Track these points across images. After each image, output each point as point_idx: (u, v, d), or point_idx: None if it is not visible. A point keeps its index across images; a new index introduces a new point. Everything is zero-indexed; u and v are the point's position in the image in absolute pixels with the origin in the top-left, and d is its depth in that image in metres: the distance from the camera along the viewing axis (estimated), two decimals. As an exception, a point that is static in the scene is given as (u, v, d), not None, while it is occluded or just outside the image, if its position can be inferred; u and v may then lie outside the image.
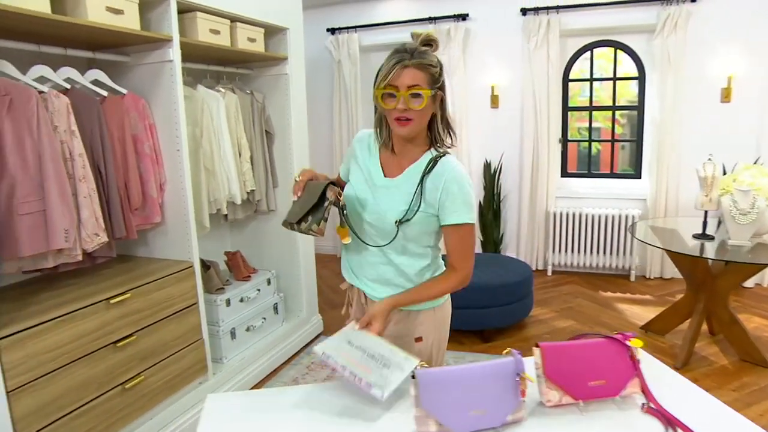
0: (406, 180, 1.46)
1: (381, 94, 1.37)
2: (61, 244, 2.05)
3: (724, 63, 4.08)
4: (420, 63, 1.34)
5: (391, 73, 1.33)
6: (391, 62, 1.34)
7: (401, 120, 1.37)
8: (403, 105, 1.34)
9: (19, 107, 1.94)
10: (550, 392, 1.28)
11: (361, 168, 1.54)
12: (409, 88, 1.33)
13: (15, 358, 1.78)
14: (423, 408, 1.16)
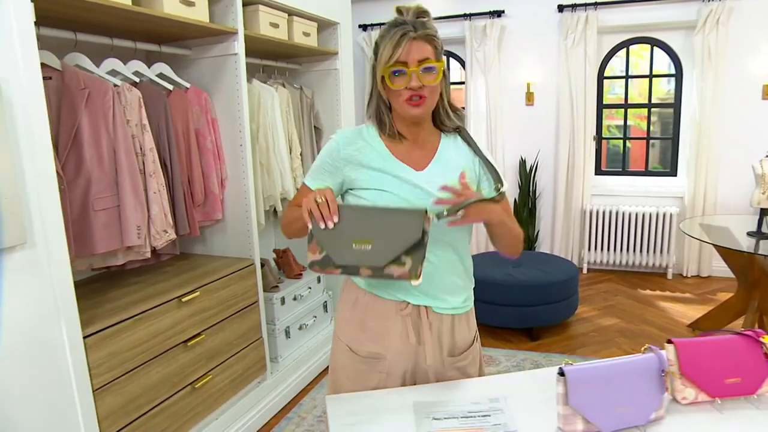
0: (444, 165, 1.29)
1: (389, 73, 1.19)
2: (134, 240, 2.01)
3: (764, 60, 4.05)
4: (426, 34, 1.20)
5: (399, 48, 1.17)
6: (396, 36, 1.18)
7: (413, 99, 1.21)
8: (417, 82, 1.18)
9: (96, 101, 1.90)
10: (685, 389, 1.24)
11: (377, 170, 1.27)
12: (419, 62, 1.18)
13: (100, 356, 1.74)
14: (571, 405, 1.13)
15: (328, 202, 1.11)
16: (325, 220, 1.11)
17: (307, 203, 1.13)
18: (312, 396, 2.81)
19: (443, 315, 1.32)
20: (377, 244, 1.10)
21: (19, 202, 1.46)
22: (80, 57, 1.94)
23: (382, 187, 1.26)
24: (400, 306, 1.30)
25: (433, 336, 1.32)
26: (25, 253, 1.51)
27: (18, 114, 1.47)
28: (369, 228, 1.11)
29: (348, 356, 1.38)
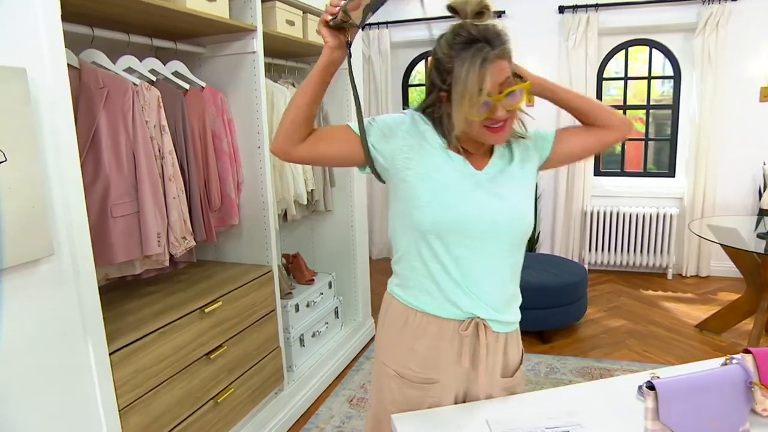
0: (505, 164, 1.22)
1: (476, 107, 1.05)
2: (154, 249, 1.90)
3: (763, 62, 4.10)
4: (503, 50, 1.06)
5: (485, 80, 1.03)
6: (476, 64, 1.02)
7: (494, 126, 1.09)
8: (503, 112, 1.07)
9: (115, 100, 1.79)
10: (766, 401, 1.20)
11: (437, 162, 1.17)
12: (500, 87, 1.06)
13: (125, 374, 1.64)
14: (661, 421, 1.08)
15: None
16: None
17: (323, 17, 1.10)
18: (328, 405, 2.72)
19: (498, 334, 1.26)
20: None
21: (46, 210, 1.35)
22: (97, 54, 1.82)
23: (445, 182, 1.16)
24: (463, 326, 1.22)
25: (489, 357, 1.25)
26: (51, 265, 1.40)
27: (44, 114, 1.36)
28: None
29: (396, 382, 1.28)
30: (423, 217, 1.16)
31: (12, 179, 1.25)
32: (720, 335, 3.41)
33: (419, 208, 1.16)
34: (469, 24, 1.07)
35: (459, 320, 1.23)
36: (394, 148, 1.18)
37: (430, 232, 1.17)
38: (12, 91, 1.25)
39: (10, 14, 1.28)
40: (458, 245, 1.17)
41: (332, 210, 3.22)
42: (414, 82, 5.39)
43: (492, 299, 1.22)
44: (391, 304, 1.30)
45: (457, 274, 1.18)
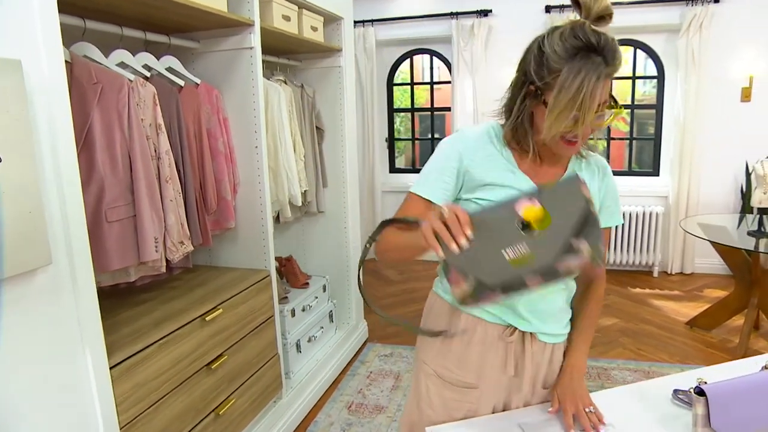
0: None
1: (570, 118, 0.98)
2: (152, 255, 1.80)
3: (744, 63, 4.18)
4: (615, 69, 0.99)
5: (594, 97, 0.96)
6: (589, 80, 0.94)
7: (571, 140, 1.04)
8: (588, 129, 1.02)
9: (110, 97, 1.68)
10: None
11: (501, 185, 1.11)
12: (598, 108, 0.99)
13: (126, 389, 1.53)
14: (712, 428, 1.04)
15: (457, 216, 0.85)
16: (457, 238, 0.84)
17: (429, 226, 0.87)
18: (326, 412, 2.64)
19: (546, 344, 1.22)
20: (534, 245, 0.86)
21: (44, 215, 1.24)
22: (89, 47, 1.71)
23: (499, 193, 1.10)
24: (507, 331, 1.18)
25: (533, 367, 1.22)
26: (48, 275, 1.29)
27: (39, 110, 1.25)
28: (513, 225, 0.87)
29: (434, 382, 1.26)
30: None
31: (8, 182, 1.14)
32: (710, 332, 3.44)
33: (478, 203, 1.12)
34: (590, 29, 0.98)
35: (504, 325, 1.19)
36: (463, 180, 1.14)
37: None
38: (6, 85, 1.14)
39: (2, 1, 1.17)
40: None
41: (325, 211, 3.14)
42: (398, 81, 5.35)
43: (538, 311, 1.18)
44: (435, 303, 1.27)
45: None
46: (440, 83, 5.24)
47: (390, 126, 5.39)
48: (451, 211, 0.86)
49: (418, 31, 4.80)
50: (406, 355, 3.25)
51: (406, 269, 5.04)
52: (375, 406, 2.70)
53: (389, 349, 3.34)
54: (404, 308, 4.05)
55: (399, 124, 5.60)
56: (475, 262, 0.87)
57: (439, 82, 5.24)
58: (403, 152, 5.85)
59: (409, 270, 5.00)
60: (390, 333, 3.59)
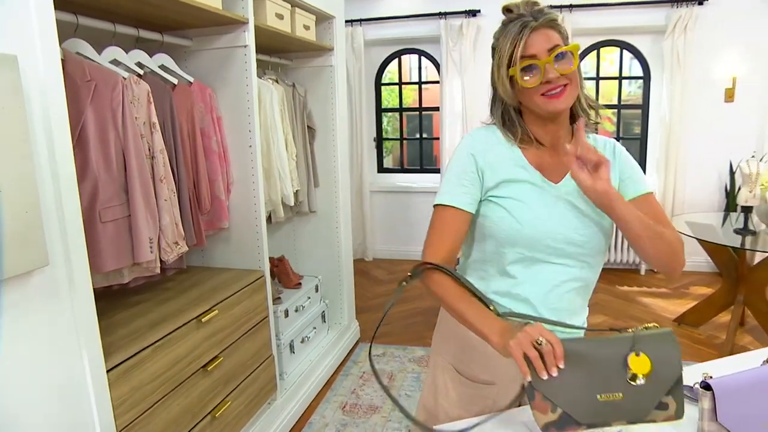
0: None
1: (518, 72, 1.05)
2: (147, 255, 1.77)
3: (728, 64, 4.25)
4: (549, 20, 1.05)
5: (521, 42, 1.03)
6: (513, 30, 1.04)
7: (552, 93, 1.06)
8: (554, 73, 1.03)
9: (104, 95, 1.65)
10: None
11: (515, 180, 1.13)
12: (550, 51, 1.04)
13: (123, 392, 1.50)
14: (718, 422, 1.05)
15: (553, 346, 0.86)
16: (549, 370, 0.85)
17: (522, 346, 0.86)
18: (320, 413, 2.63)
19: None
20: (630, 393, 0.88)
21: (40, 215, 1.21)
22: (81, 44, 1.67)
23: (522, 198, 1.12)
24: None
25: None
26: (45, 276, 1.26)
27: (35, 107, 1.22)
28: (609, 371, 0.88)
29: (450, 376, 1.26)
30: (497, 230, 1.13)
31: (4, 181, 1.11)
32: (698, 328, 3.49)
33: (494, 221, 1.13)
34: (522, 3, 1.08)
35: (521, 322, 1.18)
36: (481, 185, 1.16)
37: (503, 243, 1.13)
38: (2, 82, 1.11)
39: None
40: (531, 259, 1.13)
41: (316, 211, 3.12)
42: (386, 81, 5.34)
43: (559, 312, 1.16)
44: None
45: (525, 285, 1.14)
46: (428, 83, 5.25)
47: (378, 126, 5.38)
48: (547, 342, 0.87)
49: (407, 31, 4.80)
50: (399, 354, 3.25)
51: (396, 269, 5.04)
52: (369, 406, 2.69)
53: (381, 349, 3.33)
54: (394, 308, 4.04)
55: (387, 124, 5.60)
56: (566, 394, 0.87)
57: (428, 82, 5.25)
58: (390, 152, 5.84)
59: (399, 270, 5.00)
60: (382, 333, 3.58)
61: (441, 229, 1.14)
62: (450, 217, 1.13)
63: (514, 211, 1.11)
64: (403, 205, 5.26)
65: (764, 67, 4.19)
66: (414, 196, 5.21)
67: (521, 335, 0.88)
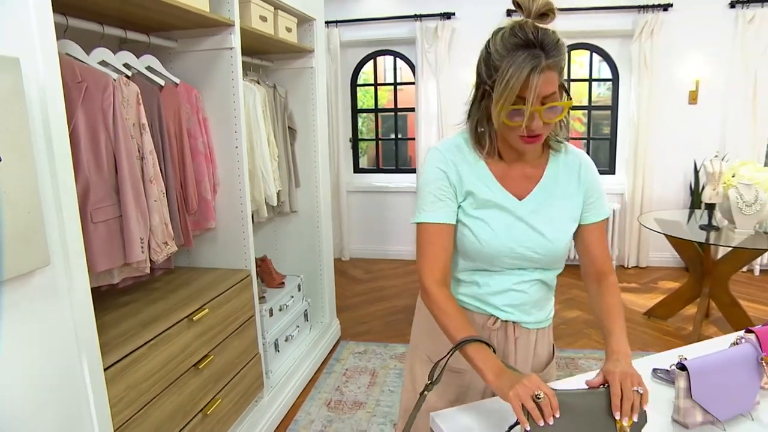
0: (549, 192, 1.20)
1: (507, 112, 1.03)
2: (138, 255, 1.78)
3: (691, 68, 4.44)
4: (556, 61, 1.00)
5: (529, 88, 0.99)
6: (524, 70, 0.97)
7: (529, 137, 1.07)
8: (539, 122, 1.03)
9: (95, 96, 1.66)
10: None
11: (480, 198, 1.17)
12: (544, 100, 1.02)
13: (119, 390, 1.52)
14: (693, 399, 1.14)
15: (549, 399, 0.92)
16: (546, 418, 0.92)
17: (521, 398, 0.93)
18: (306, 410, 2.66)
19: (530, 330, 1.28)
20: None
21: (42, 215, 1.23)
22: (71, 45, 1.68)
23: (485, 218, 1.17)
24: (490, 320, 1.25)
25: (518, 351, 1.28)
26: (45, 276, 1.27)
27: (35, 109, 1.23)
28: (593, 419, 0.97)
29: (428, 367, 1.31)
30: (460, 245, 1.21)
31: (7, 182, 1.13)
32: (666, 321, 3.65)
33: (458, 237, 1.20)
34: (530, 25, 1.01)
35: (487, 315, 1.25)
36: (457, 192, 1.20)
37: (464, 256, 1.22)
38: (5, 84, 1.13)
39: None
40: (490, 269, 1.21)
41: (297, 211, 3.15)
42: (360, 82, 5.39)
43: (518, 306, 1.24)
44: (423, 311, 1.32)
45: (481, 287, 1.23)
46: (403, 84, 5.32)
47: (354, 126, 5.43)
48: (545, 395, 0.93)
49: (383, 33, 4.87)
50: (380, 352, 3.30)
51: (373, 268, 5.09)
52: (354, 402, 2.74)
53: (363, 347, 3.38)
54: (373, 306, 4.10)
55: (362, 125, 5.65)
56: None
57: (403, 83, 5.32)
58: (365, 152, 5.89)
59: (377, 269, 5.05)
60: (362, 331, 3.63)
61: (432, 248, 1.17)
62: (436, 234, 1.17)
63: (477, 231, 1.17)
64: (379, 204, 5.32)
65: (726, 70, 4.39)
66: (390, 196, 5.28)
67: (520, 388, 0.94)
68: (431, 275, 1.16)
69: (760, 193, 3.13)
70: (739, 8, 4.25)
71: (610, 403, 0.97)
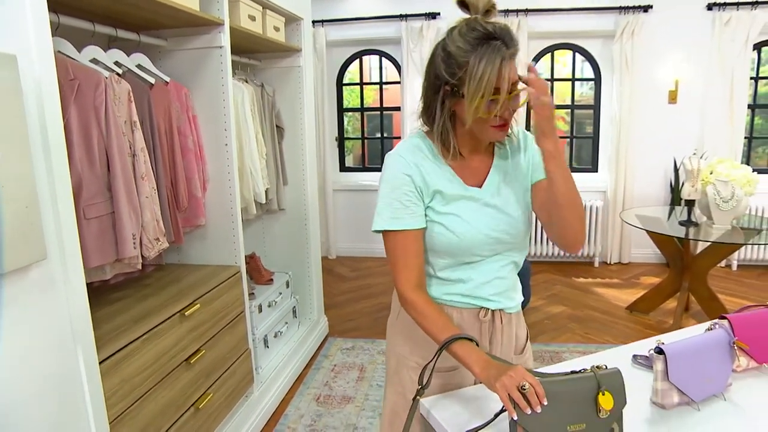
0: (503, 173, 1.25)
1: (485, 104, 1.07)
2: (130, 251, 1.81)
3: (671, 68, 4.54)
4: (515, 50, 1.06)
5: (504, 77, 1.04)
6: (495, 61, 1.03)
7: (501, 126, 1.13)
8: (509, 110, 1.10)
9: (87, 93, 1.68)
10: (740, 358, 1.37)
11: (447, 195, 1.21)
12: (511, 87, 1.07)
13: (114, 384, 1.55)
14: (669, 381, 1.19)
15: (535, 388, 0.96)
16: (533, 406, 0.95)
17: (508, 389, 0.97)
18: (295, 405, 2.69)
19: (511, 315, 1.33)
20: (590, 424, 1.01)
21: (39, 210, 1.25)
22: (63, 43, 1.69)
23: (456, 212, 1.20)
24: (481, 313, 1.28)
25: (505, 337, 1.33)
26: (42, 270, 1.30)
27: (31, 105, 1.26)
28: (577, 405, 1.02)
29: (416, 373, 1.26)
30: (436, 244, 1.22)
31: (6, 177, 1.15)
32: (648, 315, 3.74)
33: (433, 237, 1.21)
34: (483, 21, 1.07)
35: (477, 308, 1.29)
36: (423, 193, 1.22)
37: (441, 254, 1.23)
38: (3, 80, 1.15)
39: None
40: (466, 260, 1.24)
41: (285, 208, 3.18)
42: (346, 81, 5.43)
43: (502, 292, 1.28)
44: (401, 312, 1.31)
45: (467, 282, 1.25)
46: (389, 83, 5.36)
47: (340, 125, 5.46)
48: (530, 385, 0.96)
49: (368, 32, 4.91)
50: (368, 347, 3.34)
51: (359, 266, 5.13)
52: (342, 396, 2.78)
53: (350, 343, 3.42)
54: (360, 304, 4.14)
55: (348, 124, 5.68)
56: (543, 427, 0.99)
57: (388, 83, 5.36)
58: (351, 151, 5.93)
59: (363, 267, 5.09)
60: (350, 327, 3.67)
61: (405, 255, 1.19)
62: (407, 240, 1.19)
63: (451, 226, 1.19)
64: (365, 203, 5.35)
65: (704, 70, 4.50)
66: (376, 194, 5.29)
67: (507, 379, 0.97)
68: (408, 283, 1.19)
69: (736, 189, 3.23)
70: (716, 10, 4.36)
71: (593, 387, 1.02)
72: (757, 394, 1.27)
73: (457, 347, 1.10)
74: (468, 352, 1.09)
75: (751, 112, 4.74)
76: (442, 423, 1.16)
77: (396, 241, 1.20)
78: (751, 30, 4.31)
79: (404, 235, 1.19)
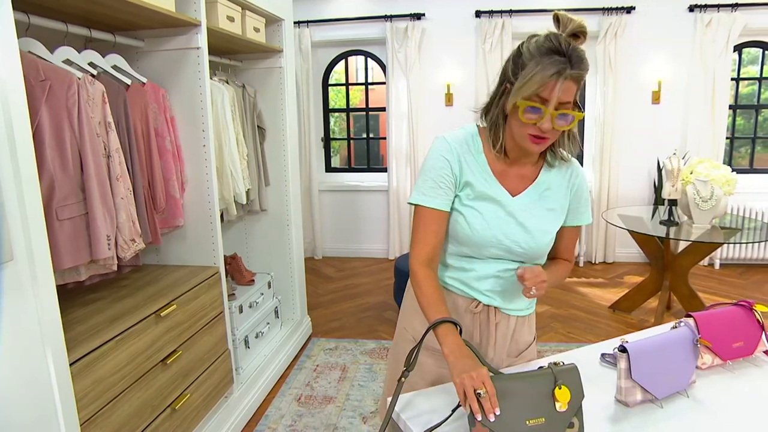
0: (539, 194, 1.29)
1: (525, 107, 1.11)
2: (104, 252, 1.80)
3: (654, 68, 4.58)
4: (579, 75, 1.09)
5: (545, 84, 1.07)
6: (548, 71, 1.06)
7: (537, 138, 1.15)
8: (549, 125, 1.11)
9: (59, 94, 1.67)
10: (704, 356, 1.39)
11: (478, 191, 1.26)
12: (559, 105, 1.09)
13: (85, 385, 1.54)
14: (632, 379, 1.21)
15: (489, 396, 0.98)
16: (486, 414, 0.97)
17: (465, 387, 1.00)
18: (276, 406, 2.69)
19: (510, 316, 1.36)
20: (549, 417, 1.04)
21: (4, 211, 1.25)
22: (34, 43, 1.68)
23: (480, 209, 1.26)
24: (473, 303, 1.33)
25: (498, 335, 1.36)
26: (8, 271, 1.29)
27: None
28: (535, 400, 1.04)
29: (411, 345, 1.36)
30: (452, 231, 1.29)
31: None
32: (630, 314, 3.77)
33: (451, 224, 1.29)
34: (563, 38, 1.11)
35: (470, 298, 1.33)
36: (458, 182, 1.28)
37: (455, 242, 1.31)
38: (-34, 82, 1.15)
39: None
40: (477, 257, 1.30)
41: (267, 209, 3.18)
42: (332, 82, 5.43)
43: (499, 292, 1.32)
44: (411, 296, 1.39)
45: (467, 272, 1.32)
46: (374, 84, 5.37)
47: (326, 126, 5.46)
48: (486, 393, 0.98)
49: (353, 33, 4.91)
50: (351, 348, 3.35)
51: (345, 266, 5.13)
52: (324, 396, 2.78)
53: (333, 344, 3.42)
54: (344, 304, 4.14)
55: (334, 124, 5.69)
56: (502, 422, 1.00)
57: (374, 83, 5.37)
58: (338, 152, 5.93)
59: (349, 267, 5.10)
60: (334, 328, 3.67)
61: (424, 231, 1.26)
62: (430, 218, 1.25)
63: (470, 220, 1.26)
64: (351, 203, 5.36)
65: (686, 71, 4.55)
66: (362, 195, 5.33)
67: (467, 378, 1.00)
68: (418, 256, 1.25)
69: (715, 189, 3.27)
70: (697, 12, 4.40)
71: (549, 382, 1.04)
72: (720, 391, 1.29)
73: (441, 329, 1.15)
74: (445, 333, 1.13)
75: (733, 113, 4.79)
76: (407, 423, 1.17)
77: (420, 216, 1.27)
78: (731, 31, 4.35)
79: (429, 212, 1.25)
